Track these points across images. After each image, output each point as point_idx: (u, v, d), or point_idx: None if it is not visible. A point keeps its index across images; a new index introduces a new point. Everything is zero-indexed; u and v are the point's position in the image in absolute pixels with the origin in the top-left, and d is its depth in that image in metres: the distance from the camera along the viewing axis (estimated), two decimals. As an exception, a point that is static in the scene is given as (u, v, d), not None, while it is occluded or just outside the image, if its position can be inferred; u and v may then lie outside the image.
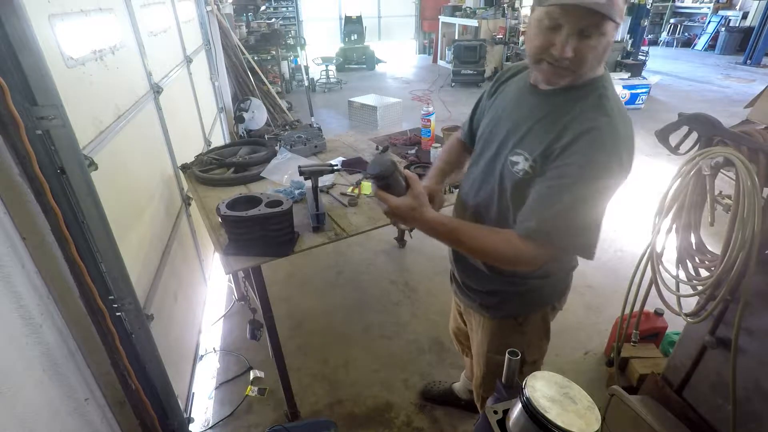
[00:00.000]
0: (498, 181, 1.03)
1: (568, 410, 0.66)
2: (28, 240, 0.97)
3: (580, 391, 0.71)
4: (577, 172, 0.86)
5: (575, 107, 0.91)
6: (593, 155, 0.86)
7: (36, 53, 0.91)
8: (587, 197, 0.87)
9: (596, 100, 0.91)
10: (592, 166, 0.86)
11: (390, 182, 0.95)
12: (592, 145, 0.86)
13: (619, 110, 0.91)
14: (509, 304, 1.20)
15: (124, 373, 1.25)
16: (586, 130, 0.87)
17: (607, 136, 0.86)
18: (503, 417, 0.77)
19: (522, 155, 0.96)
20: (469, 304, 1.31)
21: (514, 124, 1.01)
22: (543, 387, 0.70)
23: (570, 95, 0.93)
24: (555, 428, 0.64)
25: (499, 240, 0.95)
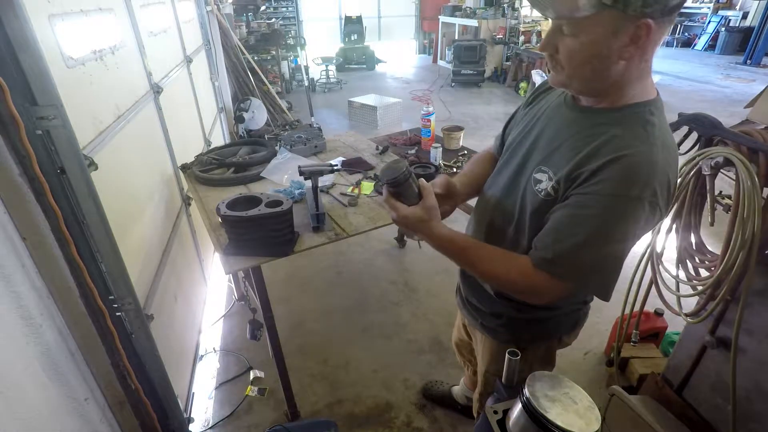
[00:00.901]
0: (520, 198, 0.94)
1: (568, 410, 0.66)
2: (28, 240, 0.97)
3: (580, 391, 0.71)
4: (602, 204, 0.76)
5: (612, 129, 0.79)
6: (623, 186, 0.74)
7: (36, 53, 0.90)
8: (610, 234, 0.77)
9: (639, 125, 0.78)
10: (620, 198, 0.74)
11: (402, 190, 0.91)
12: (623, 175, 0.74)
13: (663, 141, 0.78)
14: (512, 330, 1.13)
15: (124, 373, 1.25)
16: (620, 156, 0.75)
17: (644, 166, 0.74)
18: (503, 417, 0.78)
19: (546, 173, 0.87)
20: (471, 322, 1.26)
21: (544, 138, 0.92)
22: (543, 387, 0.70)
23: (609, 116, 0.81)
24: (555, 428, 0.64)
25: (512, 268, 0.87)
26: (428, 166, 1.94)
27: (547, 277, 0.83)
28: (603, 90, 0.81)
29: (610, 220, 0.76)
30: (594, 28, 0.72)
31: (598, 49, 0.74)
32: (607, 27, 0.71)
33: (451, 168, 2.11)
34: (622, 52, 0.74)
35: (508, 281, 0.90)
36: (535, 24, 8.57)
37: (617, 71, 0.76)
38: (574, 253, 0.79)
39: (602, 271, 0.81)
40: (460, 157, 2.23)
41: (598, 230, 0.77)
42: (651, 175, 0.74)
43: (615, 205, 0.75)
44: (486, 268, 0.91)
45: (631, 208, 0.75)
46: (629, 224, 0.76)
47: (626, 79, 0.78)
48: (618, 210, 0.75)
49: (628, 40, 0.72)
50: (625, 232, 0.77)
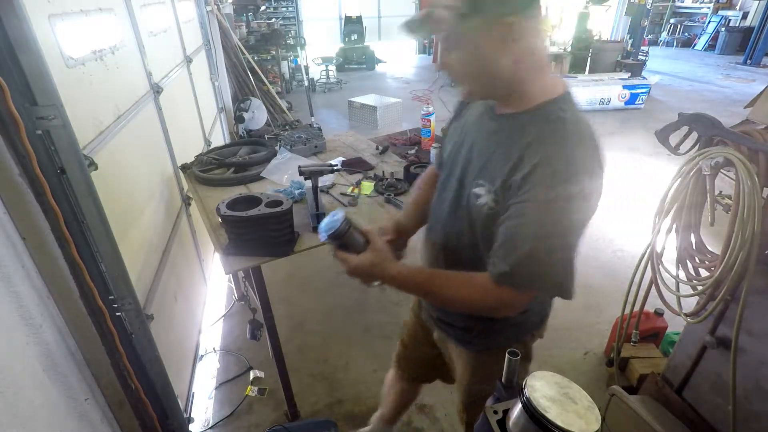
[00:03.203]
0: (467, 215, 0.93)
1: (568, 410, 0.66)
2: (28, 240, 0.97)
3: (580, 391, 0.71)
4: (537, 210, 0.77)
5: (529, 134, 0.80)
6: (551, 188, 0.76)
7: (36, 53, 0.90)
8: (553, 237, 0.78)
9: (552, 124, 0.80)
10: (552, 200, 0.76)
11: (346, 242, 0.90)
12: (549, 178, 0.76)
13: (579, 133, 0.80)
14: (487, 338, 1.11)
15: (124, 373, 1.25)
16: (541, 160, 0.77)
17: (564, 165, 0.76)
18: (503, 417, 0.77)
19: (484, 186, 0.87)
20: (444, 338, 1.23)
21: (475, 150, 0.92)
22: (543, 387, 0.70)
23: (523, 120, 0.83)
24: (555, 428, 0.64)
25: (474, 289, 0.87)
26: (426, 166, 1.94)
27: (509, 290, 0.83)
28: (505, 93, 0.83)
29: (549, 224, 0.78)
30: (465, 39, 0.76)
31: (478, 57, 0.77)
32: (476, 35, 0.75)
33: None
34: (501, 54, 0.76)
35: (473, 303, 0.89)
36: (535, 24, 8.55)
37: (508, 72, 0.79)
38: (526, 262, 0.80)
39: (556, 273, 0.82)
40: (460, 157, 2.23)
41: (542, 236, 0.78)
42: (573, 170, 0.76)
43: (549, 208, 0.77)
44: (448, 295, 0.90)
45: (565, 208, 0.76)
46: (568, 223, 0.78)
47: (522, 77, 0.80)
48: (553, 212, 0.77)
49: (500, 42, 0.75)
50: (567, 231, 0.79)
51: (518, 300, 0.85)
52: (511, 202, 0.81)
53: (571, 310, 2.52)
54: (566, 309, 2.54)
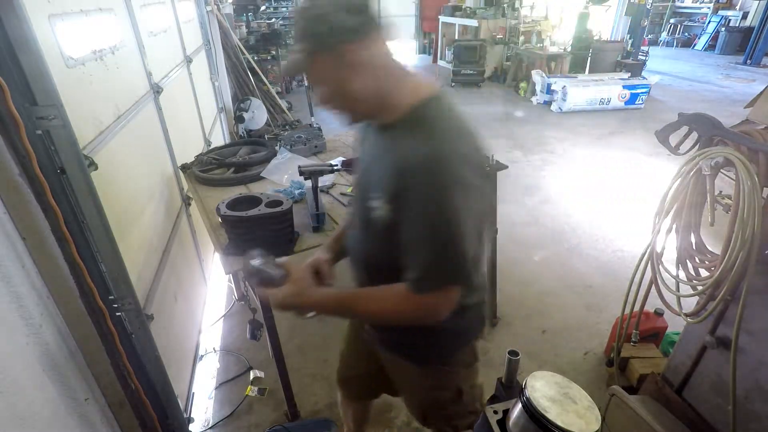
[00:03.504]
0: (374, 231, 0.94)
1: (568, 410, 0.66)
2: (28, 240, 0.97)
3: (580, 391, 0.71)
4: (424, 212, 0.80)
5: (402, 140, 0.84)
6: (431, 189, 0.79)
7: (36, 53, 0.91)
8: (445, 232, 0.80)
9: (419, 126, 0.83)
10: (434, 200, 0.79)
11: (264, 279, 0.92)
12: (428, 178, 0.78)
13: (446, 128, 0.83)
14: (434, 350, 1.09)
15: (124, 373, 1.25)
16: (415, 165, 0.79)
17: (436, 163, 0.78)
18: (503, 417, 0.78)
19: (377, 199, 0.88)
20: (389, 357, 1.20)
21: (367, 167, 0.96)
22: (543, 387, 0.70)
23: (395, 128, 0.86)
24: (555, 428, 0.64)
25: (395, 302, 0.88)
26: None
27: (427, 295, 0.84)
28: (375, 111, 0.88)
29: (438, 222, 0.80)
30: (321, 73, 0.84)
31: (337, 85, 0.84)
32: (327, 67, 0.81)
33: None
34: (354, 78, 0.82)
35: (398, 315, 0.90)
36: (535, 24, 8.58)
37: (366, 92, 0.84)
38: (431, 265, 0.82)
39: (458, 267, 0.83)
40: (460, 157, 2.24)
41: (435, 236, 0.81)
42: (447, 164, 0.79)
43: (435, 208, 0.79)
44: (372, 311, 0.92)
45: (450, 201, 0.78)
46: (455, 217, 0.79)
47: (382, 92, 0.85)
48: (439, 211, 0.79)
49: (349, 68, 0.81)
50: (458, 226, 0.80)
51: (438, 303, 0.86)
52: (401, 208, 0.84)
53: (571, 310, 2.52)
54: (566, 309, 2.55)
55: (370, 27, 0.81)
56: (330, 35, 0.77)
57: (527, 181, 4.27)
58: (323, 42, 0.78)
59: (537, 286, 2.75)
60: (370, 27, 0.81)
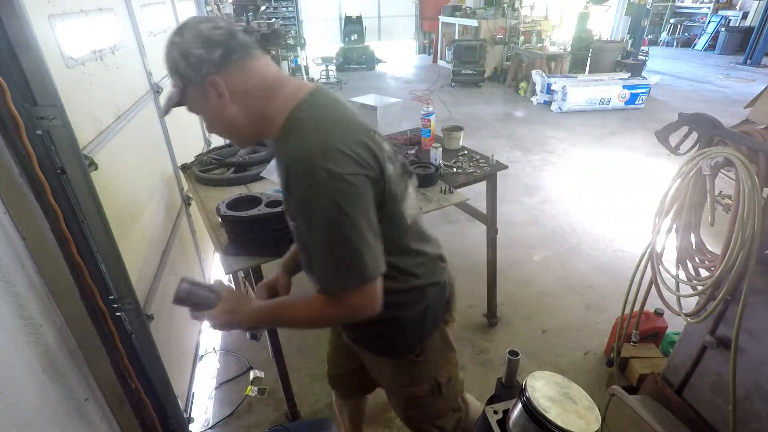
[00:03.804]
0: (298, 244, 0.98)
1: (568, 410, 0.66)
2: (28, 240, 0.97)
3: (580, 391, 0.71)
4: (305, 212, 0.80)
5: (282, 149, 0.85)
6: (305, 189, 0.77)
7: (36, 53, 0.91)
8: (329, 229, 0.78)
9: (292, 130, 0.83)
10: (310, 198, 0.77)
11: (195, 303, 0.93)
12: (299, 179, 0.78)
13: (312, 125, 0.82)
14: (400, 341, 1.09)
15: (124, 373, 1.25)
16: (288, 168, 0.80)
17: (305, 161, 0.77)
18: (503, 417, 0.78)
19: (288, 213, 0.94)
20: (364, 355, 1.20)
21: None
22: (543, 387, 0.70)
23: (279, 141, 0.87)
24: (555, 428, 0.64)
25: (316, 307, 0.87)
26: (429, 167, 1.94)
27: (340, 296, 0.83)
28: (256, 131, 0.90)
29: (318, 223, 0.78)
30: (195, 105, 0.88)
31: (212, 115, 0.88)
32: (197, 99, 0.85)
33: (451, 168, 2.11)
34: (224, 106, 0.85)
35: (320, 319, 0.92)
36: (535, 24, 8.58)
37: (244, 115, 0.87)
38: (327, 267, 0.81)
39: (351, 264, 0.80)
40: (460, 157, 2.23)
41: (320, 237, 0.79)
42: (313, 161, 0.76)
43: (312, 208, 0.78)
44: (297, 318, 0.94)
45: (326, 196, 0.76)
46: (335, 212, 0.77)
47: (260, 112, 0.87)
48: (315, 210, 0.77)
49: (217, 97, 0.84)
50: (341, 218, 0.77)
51: (353, 302, 0.83)
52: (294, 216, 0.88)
53: (571, 310, 2.52)
54: (566, 309, 2.55)
55: (233, 55, 0.82)
56: (193, 69, 0.81)
57: (527, 181, 4.27)
58: (188, 77, 0.82)
59: (537, 286, 2.75)
60: (232, 55, 0.82)
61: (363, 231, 0.79)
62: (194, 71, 0.81)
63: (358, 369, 1.32)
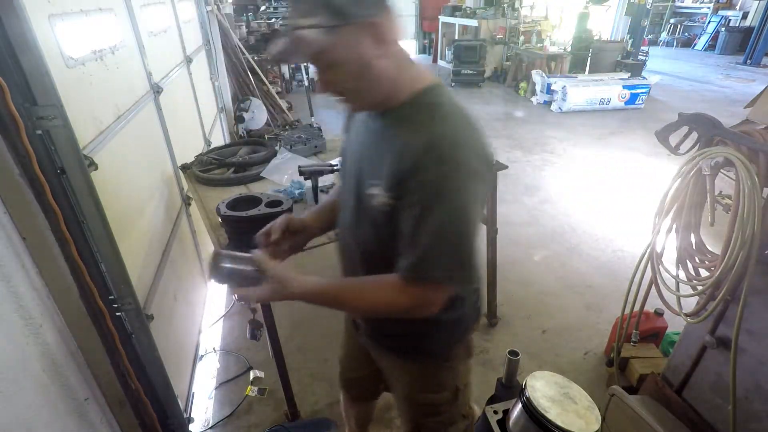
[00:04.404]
0: (370, 219, 0.90)
1: (568, 410, 0.66)
2: (28, 240, 0.97)
3: (580, 391, 0.71)
4: (430, 197, 0.76)
5: (410, 123, 0.81)
6: (439, 173, 0.75)
7: (36, 53, 0.91)
8: (450, 221, 0.77)
9: (429, 110, 0.81)
10: (441, 184, 0.75)
11: (238, 281, 0.85)
12: (435, 163, 0.75)
13: (458, 115, 0.81)
14: (435, 344, 1.05)
15: (124, 373, 1.25)
16: (424, 147, 0.76)
17: (447, 147, 0.75)
18: (503, 417, 0.77)
19: (377, 186, 0.84)
20: (381, 351, 1.16)
21: (362, 154, 0.92)
22: (543, 387, 0.70)
23: (401, 112, 0.83)
24: (555, 428, 0.64)
25: (386, 293, 0.84)
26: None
27: (421, 287, 0.80)
28: (384, 95, 0.82)
29: (444, 207, 0.76)
30: (340, 52, 0.74)
31: (358, 66, 0.76)
32: (349, 43, 0.73)
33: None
34: (377, 56, 0.76)
35: (389, 306, 0.86)
36: (535, 24, 8.58)
37: (387, 72, 0.79)
38: (427, 254, 0.78)
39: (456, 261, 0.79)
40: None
41: (438, 224, 0.76)
42: (457, 149, 0.76)
43: (441, 192, 0.76)
44: (363, 303, 0.87)
45: (456, 187, 0.75)
46: (462, 205, 0.76)
47: (396, 76, 0.81)
48: (446, 195, 0.76)
49: (373, 45, 0.75)
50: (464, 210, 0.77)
51: (431, 296, 0.82)
52: (404, 196, 0.80)
53: (571, 310, 2.52)
54: (566, 309, 2.55)
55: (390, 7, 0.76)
56: (358, 5, 0.71)
57: (527, 181, 4.27)
58: (350, 14, 0.71)
59: (537, 286, 2.75)
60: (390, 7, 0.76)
61: (475, 232, 0.79)
62: (360, 8, 0.71)
63: (373, 373, 1.28)
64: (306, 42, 0.72)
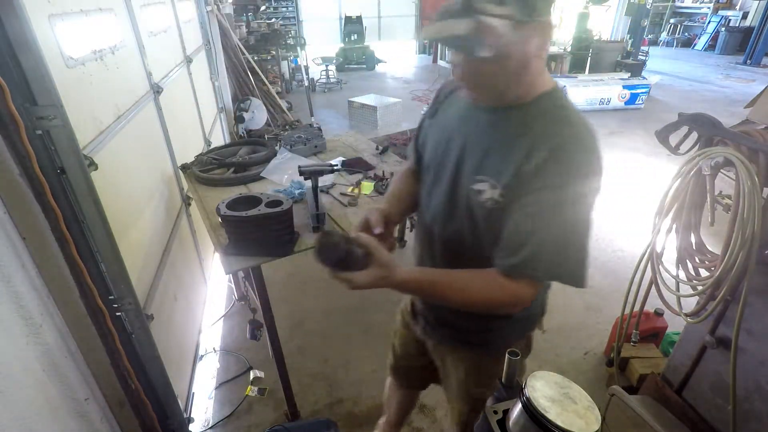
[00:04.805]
0: (467, 214, 0.91)
1: (568, 410, 0.66)
2: (28, 240, 0.97)
3: (580, 391, 0.71)
4: (555, 196, 0.77)
5: (536, 123, 0.81)
6: (568, 174, 0.77)
7: (36, 53, 0.91)
8: (569, 220, 0.79)
9: (556, 112, 0.82)
10: (569, 185, 0.77)
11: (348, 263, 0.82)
12: (565, 163, 0.77)
13: (580, 118, 0.82)
14: (506, 337, 1.06)
15: (124, 373, 1.25)
16: (556, 147, 0.77)
17: (577, 149, 0.79)
18: (503, 417, 0.77)
19: (487, 182, 0.84)
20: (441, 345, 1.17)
21: (469, 146, 0.89)
22: (543, 387, 0.70)
23: (526, 111, 0.83)
24: (555, 428, 0.64)
25: (489, 287, 0.84)
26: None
27: (523, 283, 0.81)
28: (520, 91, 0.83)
29: (566, 207, 0.78)
30: (515, 47, 0.75)
31: (519, 63, 0.77)
32: (526, 40, 0.75)
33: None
34: (535, 55, 0.78)
35: (489, 301, 0.85)
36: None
37: (534, 72, 0.80)
38: (543, 253, 0.79)
39: (571, 262, 0.81)
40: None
41: (560, 221, 0.78)
42: (586, 152, 0.79)
43: (567, 193, 0.77)
44: (465, 297, 0.86)
45: (582, 189, 0.78)
46: (583, 205, 0.79)
47: (533, 76, 0.82)
48: (571, 196, 0.78)
49: (542, 43, 0.77)
50: (583, 213, 0.79)
51: (532, 292, 0.83)
52: (523, 193, 0.80)
53: (571, 310, 2.52)
54: (566, 309, 2.55)
55: None
56: (546, 4, 0.73)
57: (527, 181, 4.27)
58: (540, 11, 0.72)
59: (537, 286, 2.74)
60: None
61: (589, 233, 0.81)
62: (546, 5, 0.73)
63: (426, 365, 1.31)
64: (493, 32, 0.71)
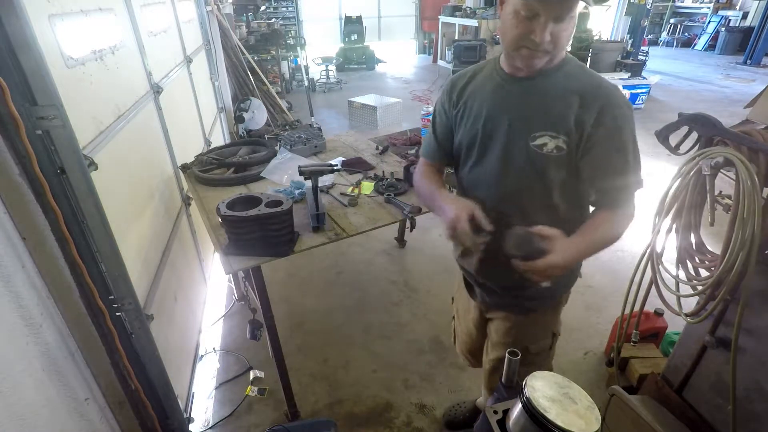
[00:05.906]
0: (530, 167, 1.05)
1: (568, 410, 0.66)
2: (28, 240, 0.97)
3: (580, 391, 0.71)
4: (625, 132, 1.00)
5: (579, 80, 1.01)
6: (623, 112, 0.99)
7: (36, 53, 0.91)
8: (635, 147, 1.03)
9: (586, 69, 1.05)
10: (628, 120, 1.01)
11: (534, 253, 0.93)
12: (618, 105, 0.99)
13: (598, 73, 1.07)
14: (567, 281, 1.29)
15: (124, 373, 1.25)
16: (607, 93, 0.99)
17: (618, 92, 1.01)
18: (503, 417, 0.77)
19: (546, 135, 1.01)
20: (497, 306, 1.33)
21: (513, 113, 1.05)
22: (543, 387, 0.70)
23: (564, 71, 1.03)
24: (555, 428, 0.64)
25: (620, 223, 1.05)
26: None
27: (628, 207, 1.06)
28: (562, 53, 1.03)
29: (632, 138, 1.02)
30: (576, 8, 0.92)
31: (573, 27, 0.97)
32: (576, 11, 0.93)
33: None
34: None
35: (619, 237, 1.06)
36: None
37: None
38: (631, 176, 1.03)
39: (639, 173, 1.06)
40: (460, 157, 2.23)
41: (633, 150, 1.03)
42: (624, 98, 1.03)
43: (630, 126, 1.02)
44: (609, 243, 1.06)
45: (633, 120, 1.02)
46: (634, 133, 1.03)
47: None
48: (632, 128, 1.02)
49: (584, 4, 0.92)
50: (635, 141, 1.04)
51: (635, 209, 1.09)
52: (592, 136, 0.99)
53: (571, 310, 2.51)
54: (566, 309, 2.52)
55: None
56: None
57: (527, 181, 4.27)
58: None
59: (537, 286, 2.74)
60: None
61: None
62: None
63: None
64: None
